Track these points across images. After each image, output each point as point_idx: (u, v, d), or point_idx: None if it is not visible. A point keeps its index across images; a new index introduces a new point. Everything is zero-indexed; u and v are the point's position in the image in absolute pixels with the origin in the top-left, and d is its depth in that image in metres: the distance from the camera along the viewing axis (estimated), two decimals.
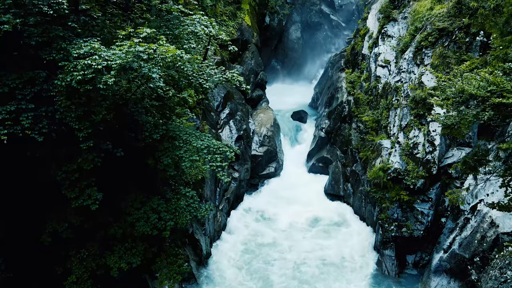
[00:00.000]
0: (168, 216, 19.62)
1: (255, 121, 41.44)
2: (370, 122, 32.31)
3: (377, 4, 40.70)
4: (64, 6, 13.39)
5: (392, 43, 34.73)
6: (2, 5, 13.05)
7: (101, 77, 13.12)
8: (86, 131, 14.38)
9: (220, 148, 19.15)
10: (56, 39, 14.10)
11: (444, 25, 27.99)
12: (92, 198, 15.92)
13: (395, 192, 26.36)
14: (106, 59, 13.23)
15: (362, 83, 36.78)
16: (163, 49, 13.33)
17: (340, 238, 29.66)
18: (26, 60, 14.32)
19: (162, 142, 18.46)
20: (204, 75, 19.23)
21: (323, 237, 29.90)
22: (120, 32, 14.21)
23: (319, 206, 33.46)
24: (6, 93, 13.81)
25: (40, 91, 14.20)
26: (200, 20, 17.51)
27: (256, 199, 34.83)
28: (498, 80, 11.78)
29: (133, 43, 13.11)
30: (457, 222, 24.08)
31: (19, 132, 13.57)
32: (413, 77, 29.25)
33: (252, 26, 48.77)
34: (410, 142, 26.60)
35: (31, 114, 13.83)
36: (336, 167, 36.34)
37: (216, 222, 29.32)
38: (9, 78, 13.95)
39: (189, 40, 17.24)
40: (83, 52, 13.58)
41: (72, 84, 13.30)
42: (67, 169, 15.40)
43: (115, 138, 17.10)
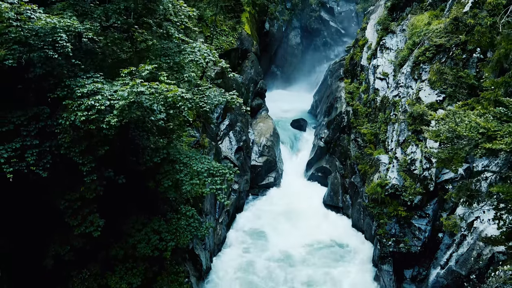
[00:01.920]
0: (169, 236, 19.98)
1: (255, 131, 41.73)
2: (368, 135, 32.61)
3: (376, 15, 40.99)
4: (68, 49, 13.70)
5: (390, 55, 34.99)
6: (6, 42, 13.35)
7: (104, 116, 13.43)
8: (90, 165, 14.73)
9: (220, 170, 19.47)
10: (59, 76, 14.42)
11: (441, 41, 28.23)
12: (94, 225, 16.26)
13: (393, 208, 26.67)
14: (109, 98, 13.55)
15: (361, 94, 37.07)
16: (164, 88, 13.63)
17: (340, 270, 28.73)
18: (30, 93, 14.64)
19: (163, 165, 18.79)
20: (204, 98, 19.54)
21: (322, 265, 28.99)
22: (123, 71, 14.51)
23: (318, 220, 33.58)
24: (11, 130, 14.14)
25: (44, 126, 14.53)
26: (200, 48, 17.79)
27: (255, 213, 34.95)
28: (489, 125, 12.08)
29: (135, 83, 13.41)
30: (454, 238, 24.38)
31: (24, 168, 13.91)
32: (411, 92, 29.52)
33: (252, 35, 49.01)
34: (408, 158, 26.90)
35: (36, 150, 14.17)
36: (335, 178, 36.64)
37: (216, 236, 29.62)
38: (15, 115, 14.29)
39: (190, 69, 17.52)
40: (86, 91, 13.90)
41: (76, 123, 13.63)
42: (70, 198, 15.74)
43: (117, 162, 17.42)
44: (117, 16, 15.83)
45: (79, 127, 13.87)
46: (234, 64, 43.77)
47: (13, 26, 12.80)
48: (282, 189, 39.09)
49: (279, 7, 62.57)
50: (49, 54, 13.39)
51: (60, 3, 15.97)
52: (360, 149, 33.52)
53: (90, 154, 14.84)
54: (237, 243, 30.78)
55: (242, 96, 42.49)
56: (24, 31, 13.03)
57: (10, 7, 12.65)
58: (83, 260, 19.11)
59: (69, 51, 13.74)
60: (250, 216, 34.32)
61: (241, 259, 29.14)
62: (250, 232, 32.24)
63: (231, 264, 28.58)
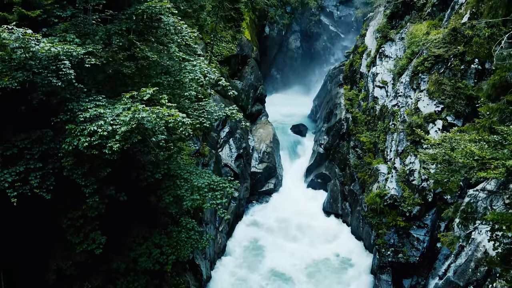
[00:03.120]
0: (170, 250, 20.21)
1: (255, 137, 41.93)
2: (368, 144, 32.81)
3: (375, 22, 41.17)
4: (72, 76, 13.91)
5: (389, 63, 35.19)
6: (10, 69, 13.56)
7: (107, 142, 13.66)
8: (92, 187, 14.96)
9: (220, 184, 19.70)
10: (62, 100, 14.64)
11: (439, 51, 28.42)
12: (96, 242, 16.50)
13: (391, 218, 26.89)
14: (112, 123, 13.77)
15: (360, 102, 37.27)
16: (165, 113, 13.85)
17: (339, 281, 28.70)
18: (33, 116, 14.85)
19: (164, 180, 19.00)
20: (204, 113, 19.76)
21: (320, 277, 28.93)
22: (125, 95, 14.73)
23: (317, 229, 33.71)
24: (15, 153, 14.37)
25: (48, 149, 14.76)
26: (200, 66, 18.00)
27: (255, 221, 35.08)
28: (483, 154, 12.30)
29: (137, 108, 13.62)
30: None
31: (27, 191, 14.15)
32: (410, 101, 29.72)
33: (252, 40, 49.23)
34: (407, 168, 27.12)
35: (39, 173, 14.41)
36: (335, 185, 36.86)
37: (216, 245, 29.85)
38: (18, 139, 14.52)
39: (191, 87, 17.74)
40: (89, 116, 14.12)
41: (79, 147, 13.85)
42: (72, 216, 15.97)
43: (118, 179, 17.63)
44: (118, 37, 16.02)
45: (82, 151, 14.09)
46: (234, 70, 44.05)
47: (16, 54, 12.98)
48: (282, 196, 39.28)
49: (279, 11, 62.68)
50: (52, 82, 13.61)
51: (62, 23, 16.16)
52: (359, 157, 33.74)
53: (92, 176, 15.08)
54: (236, 253, 30.88)
55: (242, 102, 42.81)
56: (28, 60, 13.24)
57: (14, 38, 12.85)
58: (85, 273, 19.30)
59: (72, 78, 13.97)
60: (250, 225, 34.48)
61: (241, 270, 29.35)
62: (249, 244, 32.18)
63: (231, 273, 28.82)
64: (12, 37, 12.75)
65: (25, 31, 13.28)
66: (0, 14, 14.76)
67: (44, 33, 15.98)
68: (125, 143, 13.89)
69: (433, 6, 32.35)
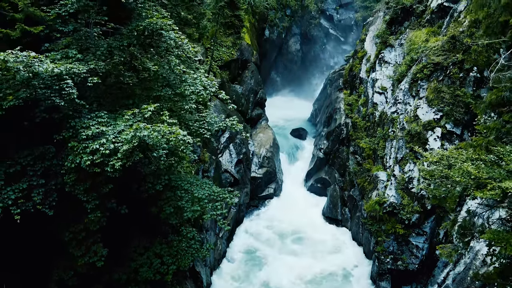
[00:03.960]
0: (171, 260, 20.35)
1: (255, 142, 42.08)
2: (367, 150, 32.96)
3: (374, 27, 41.31)
4: (74, 96, 14.08)
5: (389, 69, 35.34)
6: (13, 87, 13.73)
7: (109, 159, 13.83)
8: (94, 202, 15.13)
9: (220, 195, 19.87)
10: (65, 117, 14.80)
11: (438, 59, 28.57)
12: (98, 255, 16.66)
13: (390, 225, 27.05)
14: (114, 141, 13.94)
15: (360, 107, 37.43)
16: (166, 131, 14.01)
17: None
18: (36, 131, 15.00)
19: (165, 191, 19.16)
20: (205, 125, 19.93)
21: None
22: (127, 113, 14.89)
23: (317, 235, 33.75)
24: (18, 171, 14.54)
25: (50, 166, 14.92)
26: (201, 79, 18.16)
27: (254, 227, 35.00)
28: (479, 175, 12.47)
29: (139, 127, 13.79)
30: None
31: (30, 208, 14.32)
32: (409, 109, 29.88)
33: (252, 44, 49.37)
34: (406, 176, 27.28)
35: (42, 189, 14.58)
36: (334, 191, 37.02)
37: (216, 251, 30.01)
38: (21, 156, 14.69)
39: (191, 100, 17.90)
40: (91, 134, 14.28)
41: (81, 165, 14.02)
42: (74, 229, 16.13)
43: (119, 192, 17.78)
44: (120, 53, 16.18)
45: (84, 169, 14.25)
46: (234, 74, 44.18)
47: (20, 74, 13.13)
48: (282, 200, 39.41)
49: (279, 13, 62.88)
50: (55, 101, 13.78)
51: (64, 39, 16.32)
52: (359, 163, 33.87)
53: (94, 191, 15.24)
54: (235, 263, 30.86)
55: (242, 107, 42.98)
56: (31, 80, 13.40)
57: (19, 61, 13.00)
58: (87, 284, 19.43)
59: (75, 97, 14.13)
60: (249, 233, 34.39)
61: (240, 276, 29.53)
62: (248, 255, 32.00)
63: (231, 280, 28.97)
64: (18, 62, 12.89)
65: (29, 54, 13.43)
66: (3, 31, 14.93)
67: (47, 48, 16.16)
68: (127, 161, 14.07)
69: (432, 13, 32.49)
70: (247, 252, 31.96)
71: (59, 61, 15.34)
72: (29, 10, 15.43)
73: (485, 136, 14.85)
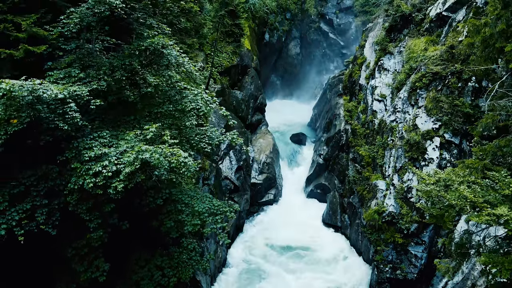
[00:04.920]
0: (172, 272, 20.56)
1: (255, 147, 42.27)
2: (366, 158, 33.16)
3: (374, 33, 41.47)
4: (78, 120, 14.30)
5: (388, 77, 35.54)
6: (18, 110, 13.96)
7: (111, 181, 14.05)
8: (96, 221, 15.36)
9: (220, 209, 20.08)
10: (68, 138, 15.02)
11: (437, 69, 28.77)
12: (100, 270, 16.89)
13: (389, 234, 27.28)
14: (116, 163, 14.16)
15: (359, 114, 37.62)
16: (168, 152, 14.22)
17: None
18: (40, 151, 15.21)
19: (165, 205, 19.37)
20: (206, 139, 20.13)
21: None
22: (128, 134, 15.11)
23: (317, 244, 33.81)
24: (22, 191, 14.76)
25: (54, 186, 15.14)
26: (202, 96, 18.37)
27: (254, 236, 35.09)
28: (475, 199, 12.69)
29: (140, 149, 14.01)
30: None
31: (34, 228, 14.55)
32: (408, 117, 30.09)
33: (252, 49, 49.57)
34: (404, 185, 27.49)
35: (45, 209, 14.80)
36: (334, 197, 37.22)
37: (216, 259, 30.21)
38: (25, 176, 14.91)
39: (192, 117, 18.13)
40: (93, 155, 14.50)
41: (84, 187, 14.24)
42: (77, 245, 16.36)
43: (121, 207, 17.98)
44: (122, 71, 16.38)
45: (87, 190, 14.47)
46: (234, 80, 44.38)
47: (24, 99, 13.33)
48: (281, 206, 39.62)
49: (278, 17, 63.08)
50: (59, 126, 14.00)
51: (67, 57, 16.52)
52: (358, 171, 34.06)
53: (96, 210, 15.48)
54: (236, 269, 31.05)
55: (242, 113, 43.20)
56: (36, 104, 13.60)
57: (24, 90, 13.20)
58: None
59: (78, 121, 14.36)
60: (249, 240, 34.47)
61: None
62: (247, 263, 32.01)
63: None
64: (23, 91, 13.11)
65: (34, 82, 13.61)
66: (7, 52, 15.13)
67: (49, 67, 16.36)
68: (129, 183, 14.30)
69: (431, 22, 32.67)
70: (247, 261, 32.03)
71: (61, 80, 15.56)
72: (32, 30, 15.63)
73: (481, 158, 15.07)
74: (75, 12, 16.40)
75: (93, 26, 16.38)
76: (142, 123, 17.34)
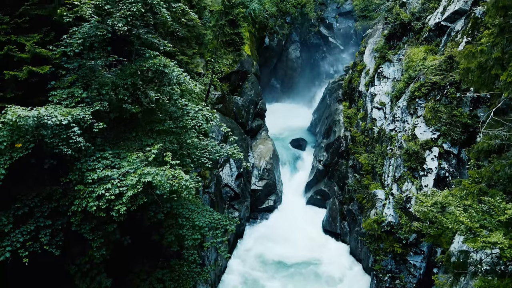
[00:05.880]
0: (173, 284, 20.83)
1: (255, 154, 42.46)
2: (366, 165, 33.38)
3: (373, 39, 41.67)
4: (81, 144, 14.55)
5: (387, 84, 35.77)
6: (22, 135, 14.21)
7: (114, 203, 14.29)
8: (99, 241, 15.60)
9: (221, 222, 20.35)
10: (72, 160, 15.26)
11: (436, 79, 28.98)
12: (102, 286, 17.11)
13: (389, 243, 27.52)
14: (118, 186, 14.40)
15: (359, 121, 37.86)
16: (170, 175, 14.47)
17: None
18: (43, 172, 15.44)
19: (166, 219, 19.61)
20: (206, 153, 20.38)
21: None
22: (130, 156, 15.34)
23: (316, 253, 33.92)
24: (26, 212, 15.01)
25: (57, 207, 15.39)
26: (202, 113, 18.61)
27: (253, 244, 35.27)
28: (472, 225, 12.92)
29: (142, 172, 14.25)
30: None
31: (38, 249, 14.80)
32: (407, 127, 30.31)
33: (252, 54, 49.77)
34: (403, 195, 27.71)
35: (49, 230, 15.04)
36: (334, 204, 37.44)
37: (217, 267, 30.44)
38: (29, 197, 15.16)
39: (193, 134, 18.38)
40: (96, 178, 14.74)
41: (87, 209, 14.49)
42: (80, 262, 16.59)
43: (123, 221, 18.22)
44: (124, 91, 16.61)
45: (90, 212, 14.72)
46: (235, 85, 44.57)
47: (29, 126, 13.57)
48: (281, 213, 39.75)
49: (278, 21, 63.30)
50: (63, 151, 14.25)
51: (70, 75, 16.74)
52: (357, 178, 34.25)
53: (99, 230, 15.72)
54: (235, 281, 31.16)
55: (242, 119, 43.41)
56: (40, 129, 13.84)
57: (30, 120, 13.44)
58: None
59: (81, 146, 14.60)
60: (248, 249, 34.61)
61: None
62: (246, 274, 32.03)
63: None
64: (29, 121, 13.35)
65: (39, 111, 13.82)
66: (11, 73, 15.36)
67: (53, 86, 16.58)
68: (132, 206, 14.54)
69: (430, 31, 32.87)
70: (246, 274, 32.07)
71: (64, 100, 15.78)
72: (35, 51, 15.85)
73: (477, 181, 15.31)
74: (78, 31, 16.63)
75: (95, 47, 16.60)
76: (144, 140, 17.57)
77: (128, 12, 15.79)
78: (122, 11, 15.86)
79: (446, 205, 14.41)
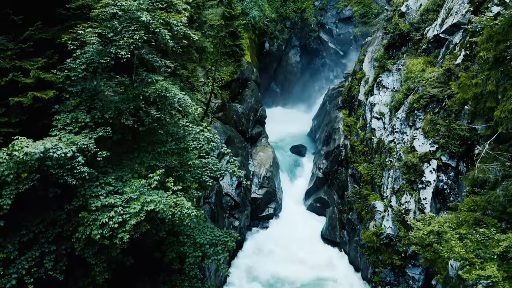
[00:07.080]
0: None
1: (255, 161, 42.72)
2: (365, 176, 33.66)
3: (373, 47, 41.94)
4: (85, 174, 14.85)
5: (387, 94, 36.04)
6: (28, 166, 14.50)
7: (117, 231, 14.57)
8: (102, 265, 15.89)
9: (222, 239, 20.65)
10: (75, 187, 15.54)
11: (434, 91, 29.24)
12: None
13: (387, 255, 27.83)
14: (122, 213, 14.68)
15: (358, 130, 38.12)
16: (172, 203, 14.76)
17: None
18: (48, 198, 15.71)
19: (168, 236, 19.91)
20: (207, 171, 20.68)
21: None
22: (133, 183, 15.62)
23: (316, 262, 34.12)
24: (31, 238, 15.30)
25: (61, 232, 15.67)
26: (204, 134, 18.90)
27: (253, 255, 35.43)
28: (467, 256, 13.22)
29: (145, 200, 14.54)
30: None
31: (42, 275, 15.09)
32: (406, 138, 30.59)
33: (252, 61, 50.05)
34: (402, 208, 28.00)
35: (53, 256, 15.33)
36: (333, 213, 37.72)
37: (217, 277, 30.75)
38: (34, 223, 15.45)
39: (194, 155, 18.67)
40: (100, 205, 15.03)
41: (91, 237, 14.78)
42: (83, 283, 16.87)
43: None
44: (127, 116, 16.89)
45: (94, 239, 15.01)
46: (235, 93, 44.87)
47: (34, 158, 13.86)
48: (281, 221, 40.02)
49: (278, 26, 63.69)
50: (68, 181, 14.54)
51: (74, 99, 17.01)
52: (357, 189, 34.50)
53: (102, 254, 16.01)
54: None
55: (242, 126, 43.70)
56: (45, 160, 14.13)
57: (36, 155, 13.71)
58: None
59: (86, 175, 14.88)
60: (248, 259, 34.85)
61: None
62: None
63: None
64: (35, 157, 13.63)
65: (45, 144, 14.06)
66: (16, 99, 15.64)
67: (56, 110, 16.86)
68: (135, 233, 14.83)
69: (429, 42, 33.12)
70: None
71: (68, 126, 16.06)
72: (39, 76, 16.12)
73: (473, 210, 15.60)
74: (82, 55, 16.89)
75: (99, 72, 16.89)
76: (146, 161, 17.84)
77: (131, 40, 16.06)
78: (125, 38, 16.13)
79: (442, 233, 14.70)
